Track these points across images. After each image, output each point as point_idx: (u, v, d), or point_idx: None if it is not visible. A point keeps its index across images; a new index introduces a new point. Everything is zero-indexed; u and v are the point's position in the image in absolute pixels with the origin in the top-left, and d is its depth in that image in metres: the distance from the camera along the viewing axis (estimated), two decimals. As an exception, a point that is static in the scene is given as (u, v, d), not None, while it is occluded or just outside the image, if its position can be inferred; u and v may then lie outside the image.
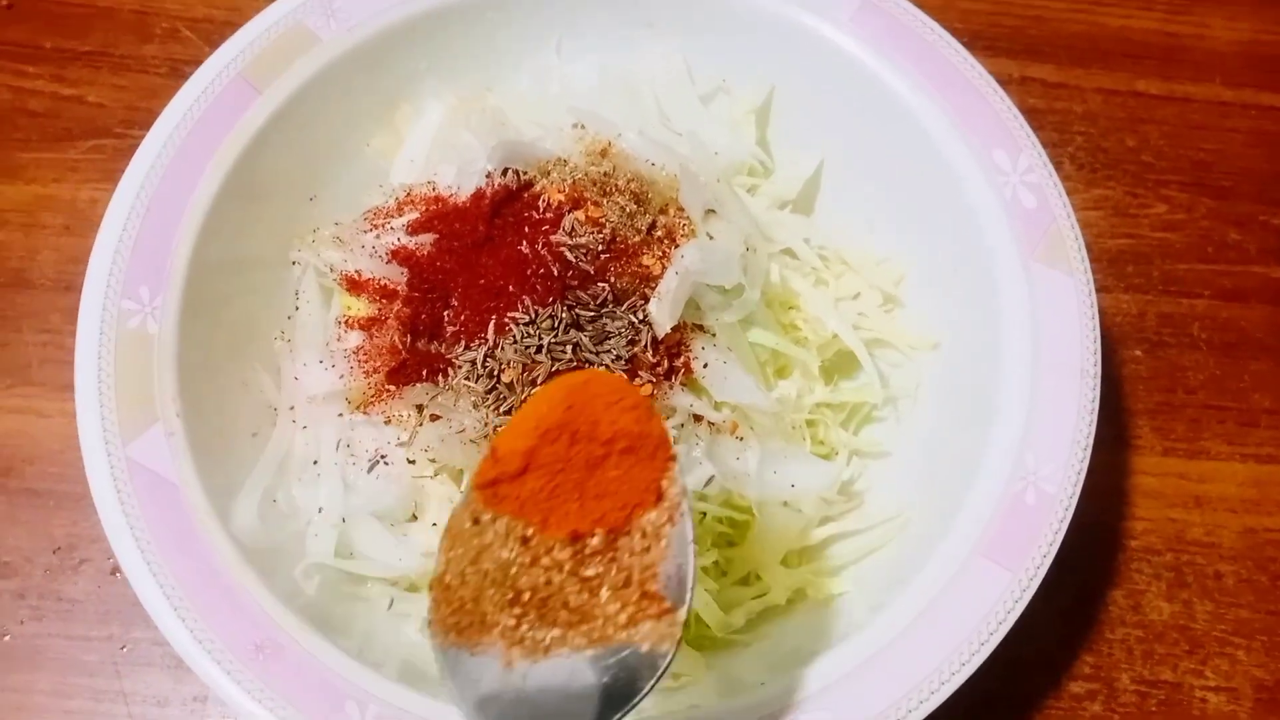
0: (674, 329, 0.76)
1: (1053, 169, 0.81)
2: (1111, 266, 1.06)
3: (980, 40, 1.13)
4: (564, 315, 0.74)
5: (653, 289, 0.76)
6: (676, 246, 0.78)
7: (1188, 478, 0.97)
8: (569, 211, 0.76)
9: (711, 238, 0.80)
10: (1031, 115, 0.84)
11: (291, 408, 0.80)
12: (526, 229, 0.77)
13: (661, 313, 0.75)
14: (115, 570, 0.88)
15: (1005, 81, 0.86)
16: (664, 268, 0.76)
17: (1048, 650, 0.89)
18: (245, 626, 0.67)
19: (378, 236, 0.79)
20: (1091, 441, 0.74)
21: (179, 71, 1.06)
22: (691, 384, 0.77)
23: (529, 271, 0.75)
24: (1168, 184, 1.10)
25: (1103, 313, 0.82)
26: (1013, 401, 0.75)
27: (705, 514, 0.80)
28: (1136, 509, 0.95)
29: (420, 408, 0.76)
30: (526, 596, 0.56)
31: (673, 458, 0.57)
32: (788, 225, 0.89)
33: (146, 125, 0.81)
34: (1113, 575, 0.93)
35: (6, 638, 0.86)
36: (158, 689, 0.84)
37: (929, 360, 0.87)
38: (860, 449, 0.87)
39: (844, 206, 0.92)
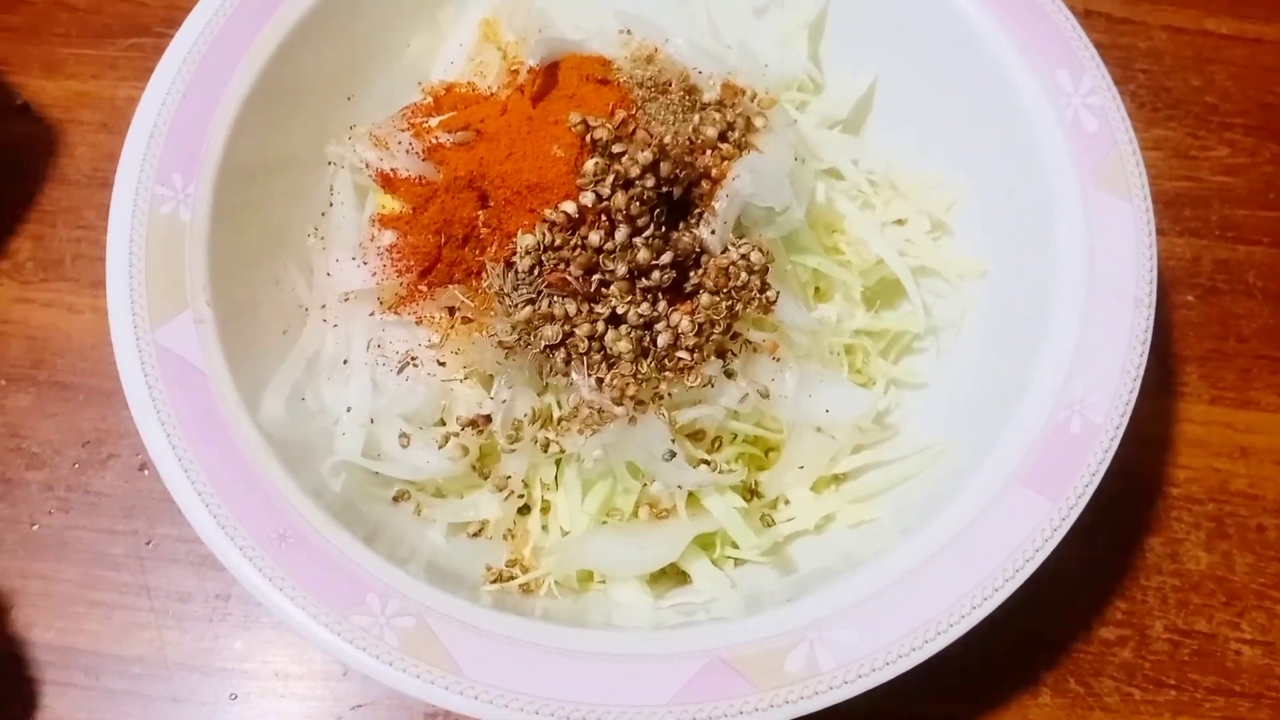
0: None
1: (1116, 91, 0.78)
2: (1168, 209, 1.02)
3: (1043, -30, 1.09)
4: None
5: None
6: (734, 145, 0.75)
7: (1234, 428, 0.94)
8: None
9: (760, 152, 0.77)
10: (1093, 50, 0.81)
11: (323, 306, 0.78)
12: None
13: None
14: (143, 467, 0.88)
15: (1068, 14, 0.82)
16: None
17: (1080, 593, 0.87)
18: (269, 515, 0.67)
19: (414, 134, 0.77)
20: (1142, 372, 0.71)
21: (220, -29, 1.04)
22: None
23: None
24: (1232, 127, 1.06)
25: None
26: (1062, 329, 0.73)
27: (736, 434, 0.78)
28: (1180, 457, 0.93)
29: (452, 310, 0.75)
30: None
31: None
32: (836, 145, 0.86)
33: (187, 25, 0.79)
34: (1151, 523, 0.90)
35: (35, 527, 0.86)
36: (181, 585, 0.85)
37: (975, 289, 0.84)
38: (898, 379, 0.85)
39: (896, 128, 0.89)
